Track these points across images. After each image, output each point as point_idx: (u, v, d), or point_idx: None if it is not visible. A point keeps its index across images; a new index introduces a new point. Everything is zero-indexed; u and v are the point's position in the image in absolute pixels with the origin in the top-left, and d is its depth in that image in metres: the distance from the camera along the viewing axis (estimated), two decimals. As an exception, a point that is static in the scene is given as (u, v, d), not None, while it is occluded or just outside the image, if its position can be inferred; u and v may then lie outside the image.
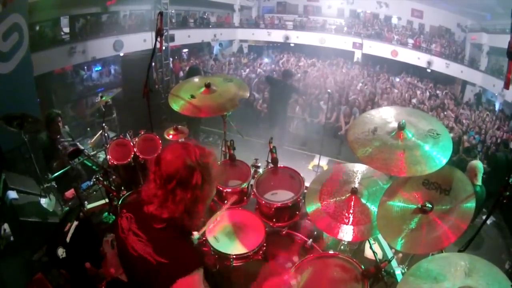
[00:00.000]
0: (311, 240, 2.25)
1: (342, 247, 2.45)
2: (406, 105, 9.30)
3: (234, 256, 1.98)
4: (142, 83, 2.75)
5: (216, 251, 1.99)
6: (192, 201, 1.22)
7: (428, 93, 10.99)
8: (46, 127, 3.85)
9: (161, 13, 2.61)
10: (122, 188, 2.87)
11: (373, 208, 1.94)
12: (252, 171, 2.60)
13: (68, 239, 2.21)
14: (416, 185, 1.81)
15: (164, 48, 9.45)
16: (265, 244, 2.10)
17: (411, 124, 1.82)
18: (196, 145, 1.29)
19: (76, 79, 10.36)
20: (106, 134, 4.14)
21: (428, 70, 12.87)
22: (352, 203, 1.98)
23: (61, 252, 2.14)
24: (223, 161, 2.81)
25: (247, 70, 11.93)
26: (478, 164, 3.66)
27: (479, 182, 3.64)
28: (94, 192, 3.42)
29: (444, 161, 1.66)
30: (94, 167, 3.94)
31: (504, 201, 1.67)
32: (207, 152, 1.27)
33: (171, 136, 3.49)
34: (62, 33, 9.57)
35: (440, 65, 12.56)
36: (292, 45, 15.40)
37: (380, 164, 1.71)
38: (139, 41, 10.83)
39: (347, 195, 2.02)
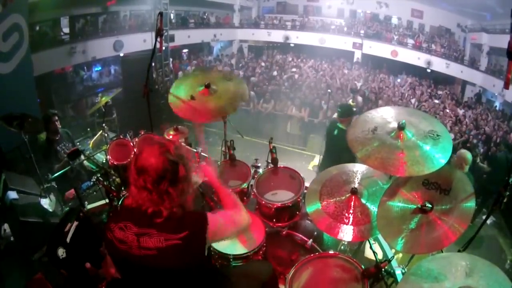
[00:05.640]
0: (311, 240, 2.25)
1: (342, 247, 2.45)
2: (405, 105, 9.30)
3: (233, 256, 1.97)
4: (142, 83, 2.74)
5: (215, 251, 1.98)
6: (182, 194, 1.29)
7: (428, 93, 10.98)
8: (45, 128, 3.86)
9: (161, 13, 2.60)
10: (122, 188, 2.87)
11: (373, 208, 1.94)
12: (252, 171, 2.60)
13: (68, 239, 2.20)
14: (416, 185, 1.80)
15: (164, 48, 9.45)
16: (265, 244, 2.09)
17: (412, 124, 1.82)
18: (166, 139, 1.38)
19: (76, 79, 10.38)
20: (106, 134, 4.14)
21: (428, 70, 12.87)
22: (352, 203, 1.98)
23: (61, 252, 2.14)
24: (223, 161, 2.81)
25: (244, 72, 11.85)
26: (467, 155, 3.53)
27: (465, 171, 3.53)
28: (94, 193, 3.42)
29: (443, 161, 1.66)
30: (94, 167, 3.94)
31: (504, 201, 1.66)
32: (178, 143, 1.38)
33: (171, 137, 3.47)
34: (62, 33, 9.58)
35: (440, 65, 12.56)
36: (292, 45, 15.41)
37: (378, 163, 1.71)
38: (139, 41, 10.84)
39: (347, 195, 2.01)
